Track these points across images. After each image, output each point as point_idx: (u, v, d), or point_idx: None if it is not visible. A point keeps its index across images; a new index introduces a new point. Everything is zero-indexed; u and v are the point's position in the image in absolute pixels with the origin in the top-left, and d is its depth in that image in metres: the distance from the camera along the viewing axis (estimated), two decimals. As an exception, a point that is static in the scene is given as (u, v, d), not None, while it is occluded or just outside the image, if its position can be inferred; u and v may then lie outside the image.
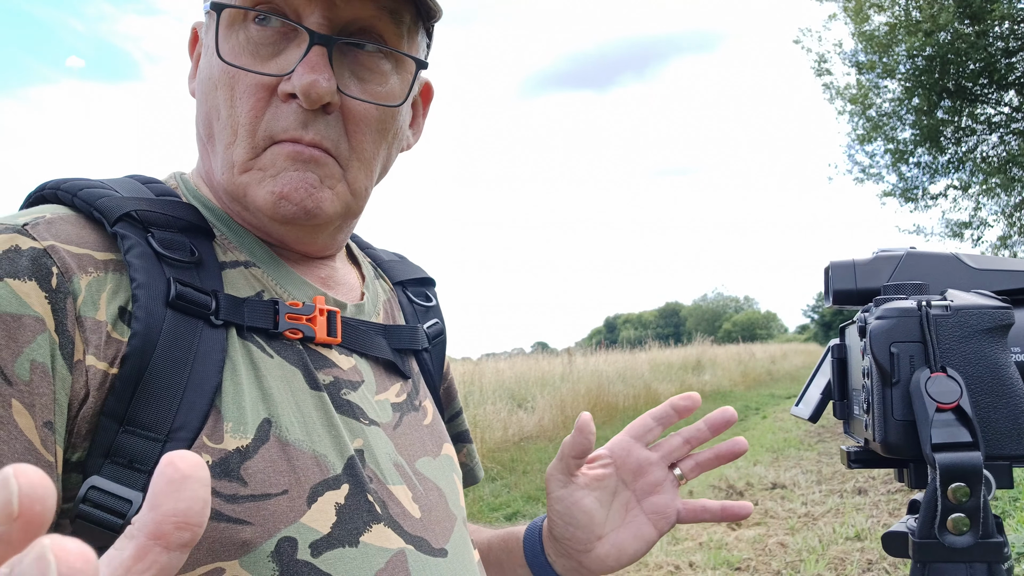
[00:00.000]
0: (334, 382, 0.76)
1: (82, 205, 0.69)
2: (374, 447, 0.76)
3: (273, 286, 0.76)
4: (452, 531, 0.81)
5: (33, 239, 0.64)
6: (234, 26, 0.73)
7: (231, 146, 0.73)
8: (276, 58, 0.72)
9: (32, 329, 0.60)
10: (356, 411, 0.76)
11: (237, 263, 0.75)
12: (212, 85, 0.74)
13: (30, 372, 0.59)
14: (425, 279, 1.00)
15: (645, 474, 0.93)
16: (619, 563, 0.92)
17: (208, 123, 0.75)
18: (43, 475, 0.30)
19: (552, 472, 0.93)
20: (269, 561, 0.64)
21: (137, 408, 0.63)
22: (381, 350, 0.83)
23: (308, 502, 0.67)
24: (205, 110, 0.75)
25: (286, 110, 0.72)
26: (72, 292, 0.63)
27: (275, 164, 0.72)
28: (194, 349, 0.66)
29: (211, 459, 0.64)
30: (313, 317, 0.76)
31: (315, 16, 0.71)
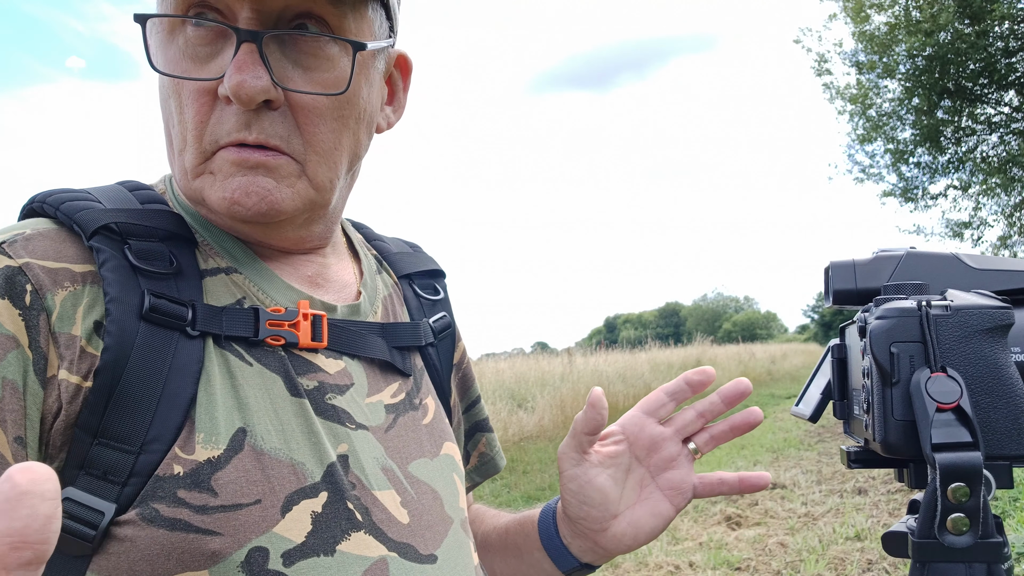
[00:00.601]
0: (318, 387, 0.75)
1: (63, 219, 0.70)
2: (359, 452, 0.75)
3: (255, 292, 0.75)
4: (446, 535, 0.79)
5: (9, 257, 0.65)
6: (174, 32, 0.71)
7: (183, 152, 0.73)
8: (214, 60, 0.70)
9: (3, 347, 0.61)
10: (342, 415, 0.75)
11: (218, 270, 0.75)
12: (164, 94, 0.73)
13: (1, 389, 0.61)
14: (434, 271, 0.98)
15: (659, 449, 0.91)
16: (636, 541, 0.90)
17: (167, 130, 0.75)
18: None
19: (564, 450, 0.91)
20: (239, 571, 0.64)
21: (110, 421, 0.64)
22: (375, 350, 0.82)
23: (282, 511, 0.67)
24: (164, 118, 0.75)
25: (228, 112, 0.70)
26: (46, 308, 0.64)
27: (223, 169, 0.71)
28: (168, 361, 0.66)
29: (182, 470, 0.65)
30: (296, 322, 0.75)
31: (245, 11, 0.68)
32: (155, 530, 0.63)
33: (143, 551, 0.62)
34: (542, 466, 8.27)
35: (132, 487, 0.63)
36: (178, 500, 0.64)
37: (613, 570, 4.80)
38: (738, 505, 6.30)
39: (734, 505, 6.29)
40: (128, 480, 0.63)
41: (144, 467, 0.64)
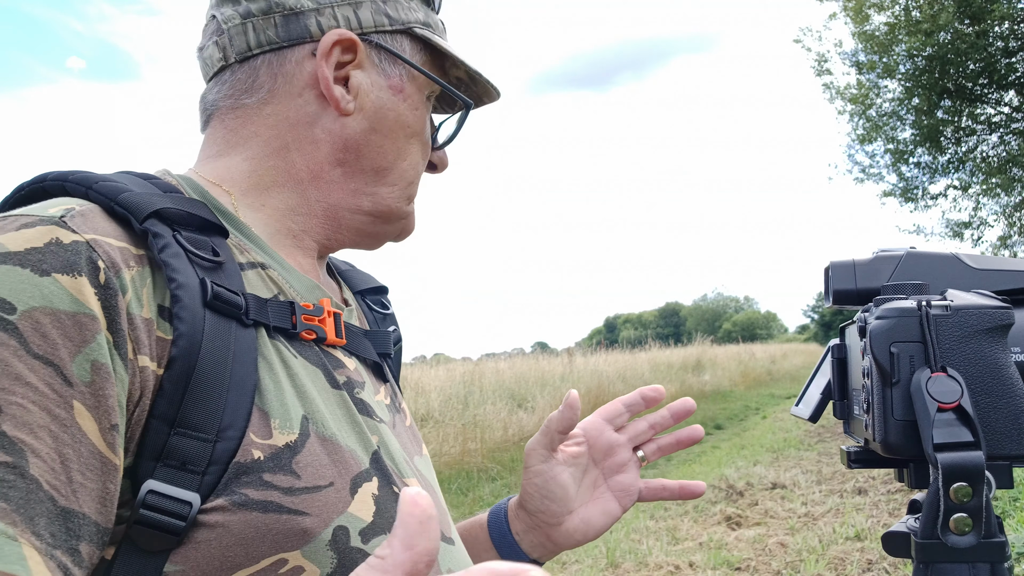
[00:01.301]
0: (348, 382, 0.78)
1: (100, 199, 0.67)
2: (388, 443, 0.78)
3: (286, 288, 0.77)
4: (450, 523, 0.84)
5: (73, 231, 0.61)
6: (431, 98, 0.88)
7: (412, 184, 0.88)
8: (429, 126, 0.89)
9: (90, 328, 0.59)
10: (369, 409, 0.79)
11: (253, 264, 0.76)
12: (408, 133, 0.86)
13: (91, 373, 0.58)
14: (380, 287, 1.03)
15: (613, 454, 1.00)
16: (585, 537, 0.98)
17: (393, 159, 0.85)
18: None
19: (534, 446, 0.97)
20: (328, 549, 0.66)
21: (187, 410, 0.63)
22: (370, 353, 0.85)
23: (351, 493, 0.69)
24: (395, 148, 0.85)
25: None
26: (121, 287, 0.62)
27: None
28: (231, 349, 0.66)
29: (262, 455, 0.65)
30: (323, 319, 0.77)
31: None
32: (248, 513, 0.63)
33: (237, 535, 0.62)
34: (542, 466, 8.26)
35: (211, 476, 0.63)
36: (265, 483, 0.64)
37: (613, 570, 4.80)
38: (738, 505, 6.30)
39: (734, 505, 6.29)
40: (207, 469, 0.63)
41: (222, 455, 0.63)
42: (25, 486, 0.53)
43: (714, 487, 6.92)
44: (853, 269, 0.82)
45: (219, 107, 0.82)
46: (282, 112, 0.81)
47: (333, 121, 0.81)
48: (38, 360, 0.56)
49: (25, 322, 0.56)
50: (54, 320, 0.57)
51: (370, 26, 0.82)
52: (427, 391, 10.51)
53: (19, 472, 0.53)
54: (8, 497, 0.52)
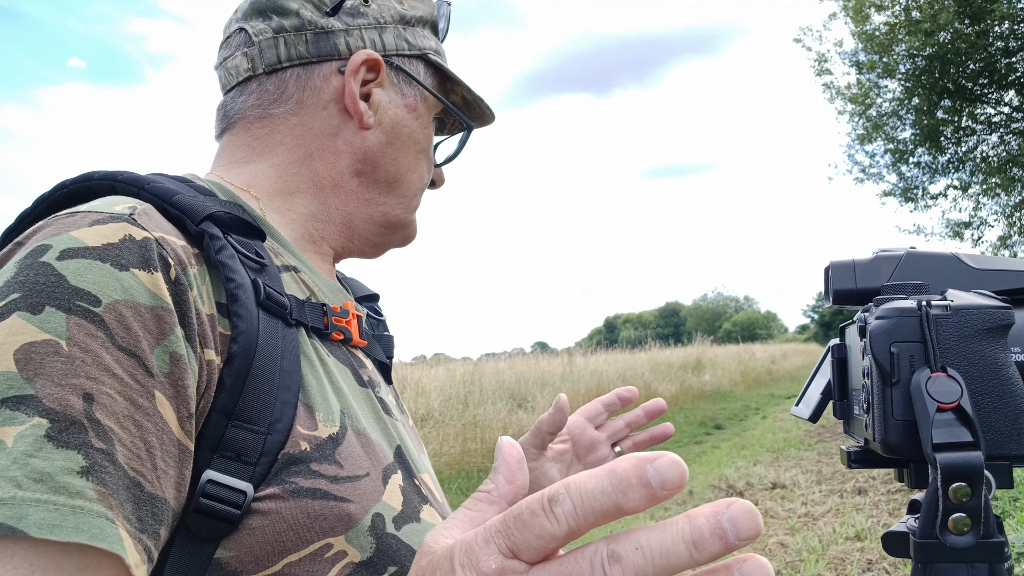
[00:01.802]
0: (370, 381, 0.83)
1: (154, 200, 0.70)
2: (404, 440, 0.83)
3: (317, 291, 0.82)
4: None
5: (143, 229, 0.64)
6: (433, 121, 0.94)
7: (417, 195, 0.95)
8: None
9: (168, 321, 0.61)
10: (388, 408, 0.84)
11: (287, 267, 0.81)
12: (418, 149, 0.93)
13: (170, 364, 0.60)
14: (373, 295, 1.08)
15: (595, 450, 1.08)
16: None
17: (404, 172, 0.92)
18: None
19: (524, 446, 1.04)
20: (368, 535, 0.69)
21: (245, 403, 0.66)
22: (381, 355, 0.91)
23: (383, 483, 0.74)
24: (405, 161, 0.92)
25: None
26: (189, 283, 0.64)
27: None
28: (279, 347, 0.70)
29: (309, 446, 0.68)
30: (349, 320, 0.83)
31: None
32: (299, 500, 0.66)
33: (290, 521, 0.65)
34: (542, 466, 8.26)
35: (262, 466, 0.66)
36: (313, 472, 0.68)
37: (613, 570, 4.80)
38: (738, 505, 6.30)
39: (734, 505, 6.29)
40: (259, 460, 0.66)
41: (272, 446, 0.66)
42: (116, 472, 0.55)
43: (714, 487, 6.92)
44: (853, 269, 0.82)
45: (245, 115, 0.87)
46: (308, 123, 0.86)
47: (354, 134, 0.87)
48: (123, 352, 0.58)
49: (110, 314, 0.58)
50: (135, 313, 0.60)
51: (392, 49, 0.89)
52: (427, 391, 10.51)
53: (111, 459, 0.55)
54: (105, 482, 0.55)
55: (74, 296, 0.58)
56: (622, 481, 0.37)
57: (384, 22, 0.89)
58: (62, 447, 0.54)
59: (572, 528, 0.38)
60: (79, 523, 0.52)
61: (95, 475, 0.54)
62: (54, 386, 0.55)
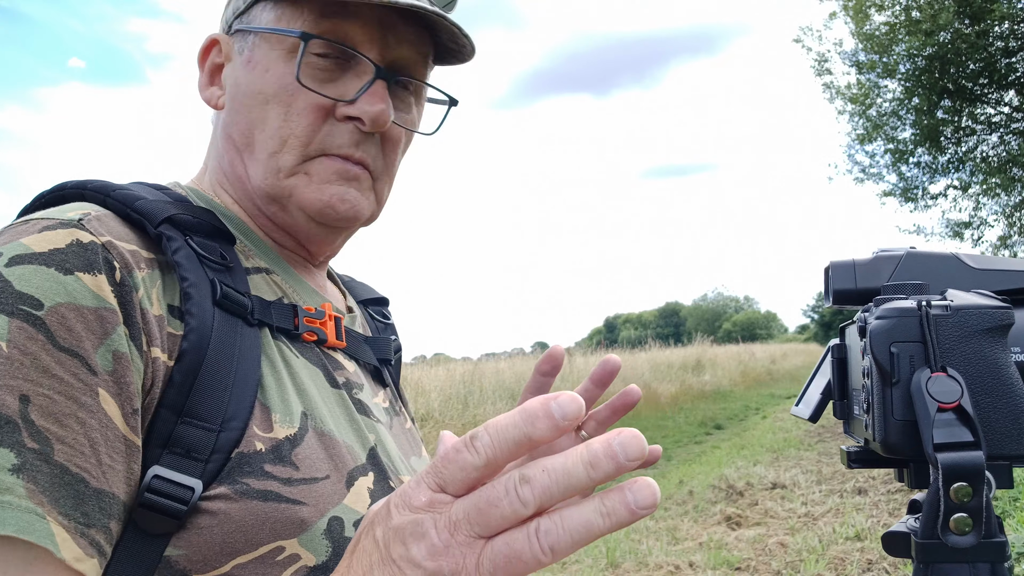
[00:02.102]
0: (347, 383, 0.82)
1: (117, 206, 0.72)
2: (384, 442, 0.82)
3: (290, 292, 0.82)
4: None
5: (91, 233, 0.66)
6: (293, 52, 0.80)
7: (277, 154, 0.80)
8: (333, 83, 0.80)
9: (110, 321, 0.63)
10: (366, 409, 0.83)
11: (259, 269, 0.81)
12: (261, 99, 0.81)
13: (113, 362, 0.62)
14: (381, 299, 1.08)
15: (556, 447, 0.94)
16: None
17: (247, 132, 0.82)
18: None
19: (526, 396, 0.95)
20: (323, 538, 0.69)
21: (195, 400, 0.66)
22: (370, 357, 0.90)
23: (346, 486, 0.73)
24: (246, 120, 0.82)
25: (342, 129, 0.80)
26: (134, 286, 0.66)
27: (321, 174, 0.81)
28: (237, 346, 0.71)
29: (264, 447, 0.69)
30: (324, 322, 0.82)
31: (373, 53, 0.81)
32: (248, 502, 0.66)
33: (238, 522, 0.65)
34: (542, 466, 8.26)
35: (214, 464, 0.66)
36: (266, 474, 0.68)
37: (613, 570, 4.80)
38: (738, 505, 6.30)
39: (734, 505, 6.29)
40: (211, 457, 0.66)
41: (225, 444, 0.66)
42: (50, 471, 0.57)
43: (714, 487, 6.92)
44: (853, 269, 0.82)
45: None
46: (213, 122, 0.88)
47: (221, 118, 0.86)
48: (64, 352, 0.60)
49: (52, 317, 0.60)
50: (78, 315, 0.61)
51: (230, 17, 0.86)
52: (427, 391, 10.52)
53: (44, 458, 0.57)
54: (36, 480, 0.57)
55: (17, 300, 0.60)
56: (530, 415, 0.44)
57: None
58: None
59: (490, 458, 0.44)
60: (6, 517, 0.54)
61: (26, 473, 0.56)
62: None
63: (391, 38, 0.81)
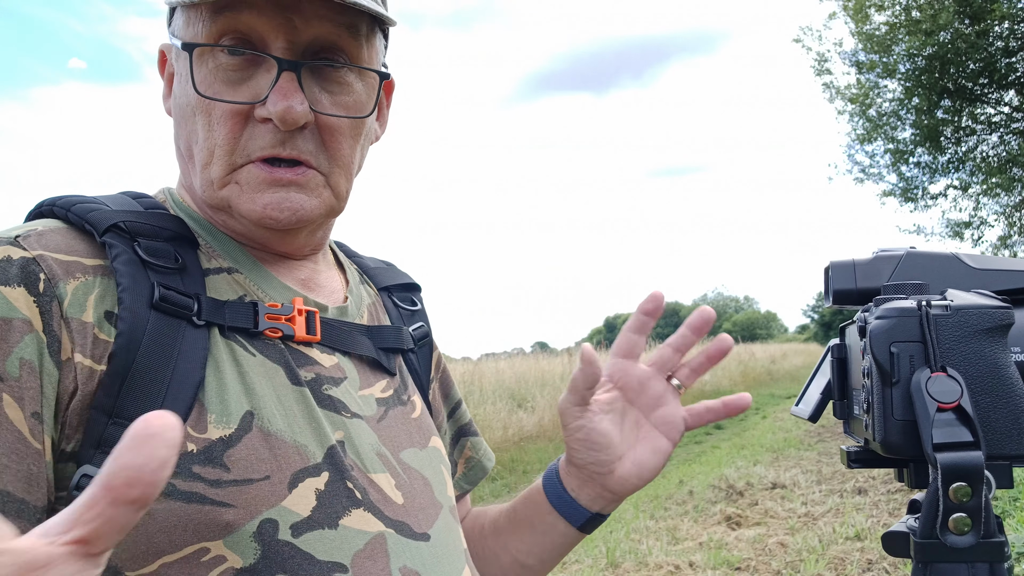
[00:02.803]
0: (315, 378, 0.81)
1: (75, 219, 0.76)
2: (355, 438, 0.80)
3: (254, 290, 0.82)
4: (437, 518, 0.85)
5: (23, 249, 0.70)
6: (204, 56, 0.78)
7: (208, 166, 0.79)
8: (247, 84, 0.78)
9: (20, 330, 0.66)
10: (338, 405, 0.81)
11: (220, 269, 0.81)
12: (190, 111, 0.79)
13: (19, 368, 0.65)
14: (410, 285, 1.06)
15: (647, 389, 0.96)
16: (641, 479, 0.95)
17: (187, 144, 0.81)
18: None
19: (565, 406, 0.95)
20: (251, 541, 0.69)
21: (124, 401, 0.68)
22: (364, 348, 0.88)
23: (289, 487, 0.72)
24: (185, 132, 0.81)
25: (262, 130, 0.78)
26: (58, 296, 0.69)
27: (251, 183, 0.78)
28: (177, 347, 0.72)
29: (195, 447, 0.69)
30: (292, 317, 0.81)
31: (279, 42, 0.76)
32: (172, 503, 0.67)
33: (160, 523, 0.66)
34: (542, 466, 8.27)
35: None
36: (193, 475, 0.68)
37: (613, 570, 4.80)
38: (738, 505, 6.30)
39: (734, 505, 6.30)
40: None
41: None
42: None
43: (714, 487, 6.92)
44: (853, 269, 0.83)
45: None
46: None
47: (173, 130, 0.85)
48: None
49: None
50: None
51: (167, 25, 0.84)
52: (427, 391, 10.50)
53: None
54: None
55: None
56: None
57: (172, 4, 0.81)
58: None
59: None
60: None
61: None
62: None
63: (296, 20, 0.76)
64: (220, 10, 0.75)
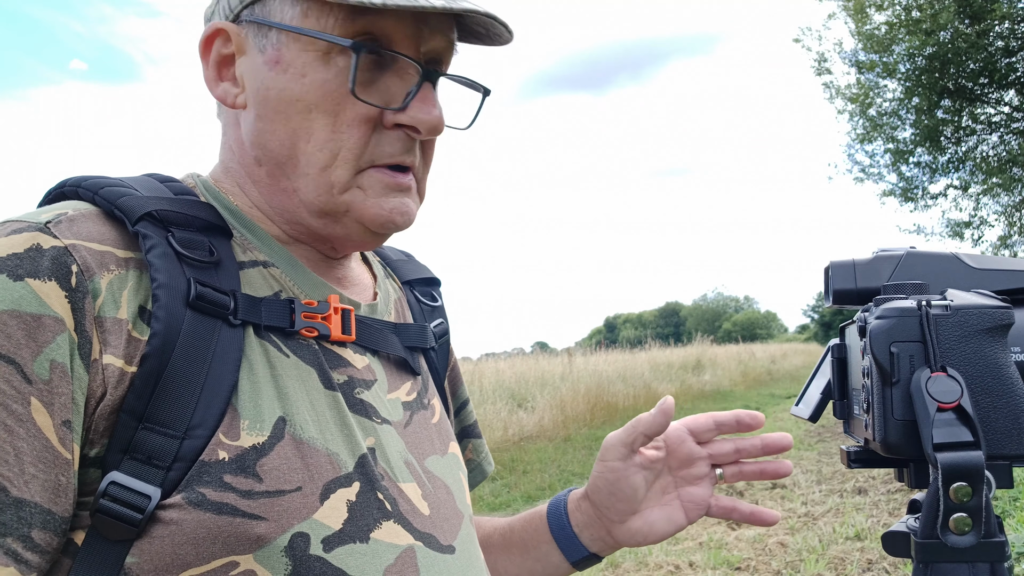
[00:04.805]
0: (348, 381, 0.77)
1: (103, 203, 0.70)
2: (386, 445, 0.77)
3: (290, 285, 0.78)
4: (460, 528, 0.82)
5: (55, 237, 0.65)
6: (329, 55, 0.73)
7: (328, 169, 0.74)
8: (376, 87, 0.75)
9: (52, 329, 0.62)
10: (369, 410, 0.78)
11: (256, 263, 0.77)
12: (302, 107, 0.74)
13: (49, 371, 0.61)
14: (431, 279, 1.02)
15: (691, 466, 0.98)
16: (646, 539, 0.98)
17: (290, 144, 0.75)
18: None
19: (614, 443, 0.96)
20: (282, 556, 0.65)
21: (156, 406, 0.64)
22: (394, 347, 0.85)
23: (321, 499, 0.69)
24: (287, 131, 0.75)
25: (391, 137, 0.76)
26: (92, 291, 0.64)
27: (375, 188, 0.76)
28: (212, 348, 0.68)
29: (227, 455, 0.66)
30: (328, 315, 0.77)
31: (412, 50, 0.75)
32: (202, 514, 0.63)
33: (189, 535, 0.63)
34: (542, 466, 8.27)
35: (176, 472, 0.64)
36: (224, 485, 0.65)
37: (613, 570, 4.80)
38: (738, 505, 6.30)
39: (734, 505, 6.29)
40: (172, 465, 0.64)
41: (188, 452, 0.64)
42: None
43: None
44: (853, 269, 0.83)
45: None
46: (224, 118, 0.83)
47: (240, 118, 0.79)
48: (1, 359, 0.60)
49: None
50: (20, 322, 0.61)
51: (237, 4, 0.77)
52: (427, 391, 10.50)
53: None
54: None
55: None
56: None
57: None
58: None
59: None
60: None
61: None
62: None
63: (425, 30, 0.75)
64: (360, 11, 0.72)
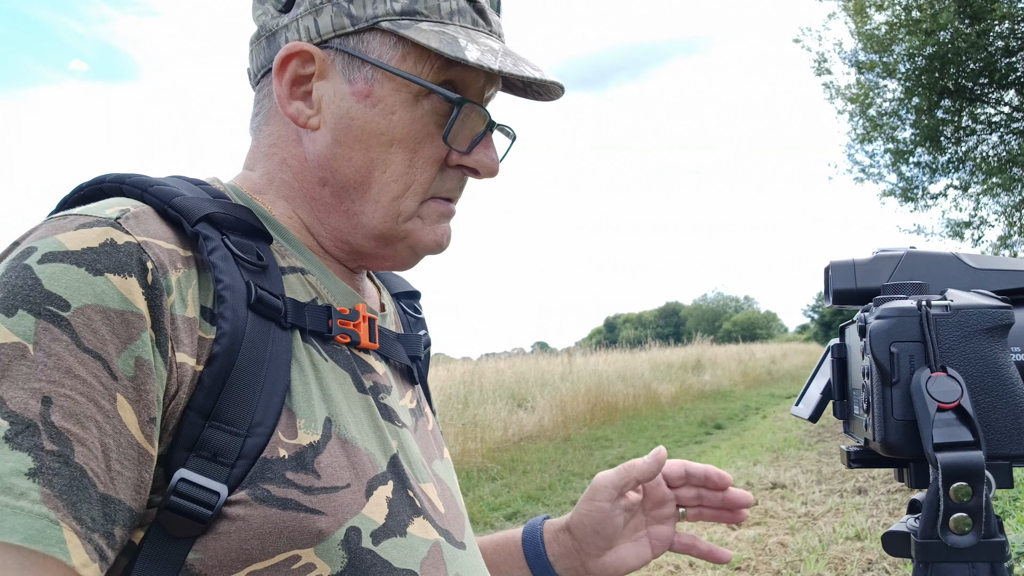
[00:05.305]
0: (374, 386, 0.81)
1: (155, 202, 0.71)
2: (407, 448, 0.81)
3: (324, 293, 0.81)
4: (464, 527, 0.87)
5: (127, 233, 0.65)
6: (419, 97, 0.79)
7: (399, 199, 0.81)
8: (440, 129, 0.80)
9: (136, 326, 0.62)
10: (392, 414, 0.82)
11: (294, 269, 0.79)
12: (385, 141, 0.79)
13: (135, 368, 0.62)
14: (414, 292, 1.06)
15: (662, 507, 1.08)
16: (616, 572, 1.06)
17: (366, 172, 0.80)
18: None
19: (606, 484, 1.04)
20: (339, 549, 0.68)
21: (224, 404, 0.66)
22: (403, 357, 0.89)
23: (366, 495, 0.72)
24: (364, 159, 0.79)
25: (452, 175, 0.83)
26: (166, 288, 0.65)
27: (431, 216, 0.83)
28: (268, 350, 0.70)
29: (287, 453, 0.68)
30: (358, 323, 0.81)
31: (479, 99, 0.83)
32: (268, 509, 0.65)
33: (256, 530, 0.65)
34: (542, 466, 8.27)
35: (240, 469, 0.66)
36: (287, 481, 0.67)
37: (613, 570, 4.80)
38: (738, 505, 6.30)
39: (734, 505, 6.29)
40: (236, 462, 0.66)
41: (251, 450, 0.66)
42: (69, 473, 0.58)
43: (714, 487, 6.91)
44: (853, 269, 0.83)
45: (251, 125, 0.87)
46: (276, 131, 0.83)
47: (308, 138, 0.81)
48: (88, 354, 0.60)
49: (78, 318, 0.60)
50: (104, 317, 0.61)
51: (328, 31, 0.79)
52: (427, 391, 10.50)
53: (64, 460, 0.58)
54: (52, 484, 0.57)
55: (45, 300, 0.60)
56: None
57: (320, 3, 0.79)
58: (15, 449, 0.57)
59: None
60: (16, 524, 0.55)
61: (42, 477, 0.57)
62: (17, 389, 0.58)
63: (488, 83, 0.83)
64: (451, 63, 0.78)
